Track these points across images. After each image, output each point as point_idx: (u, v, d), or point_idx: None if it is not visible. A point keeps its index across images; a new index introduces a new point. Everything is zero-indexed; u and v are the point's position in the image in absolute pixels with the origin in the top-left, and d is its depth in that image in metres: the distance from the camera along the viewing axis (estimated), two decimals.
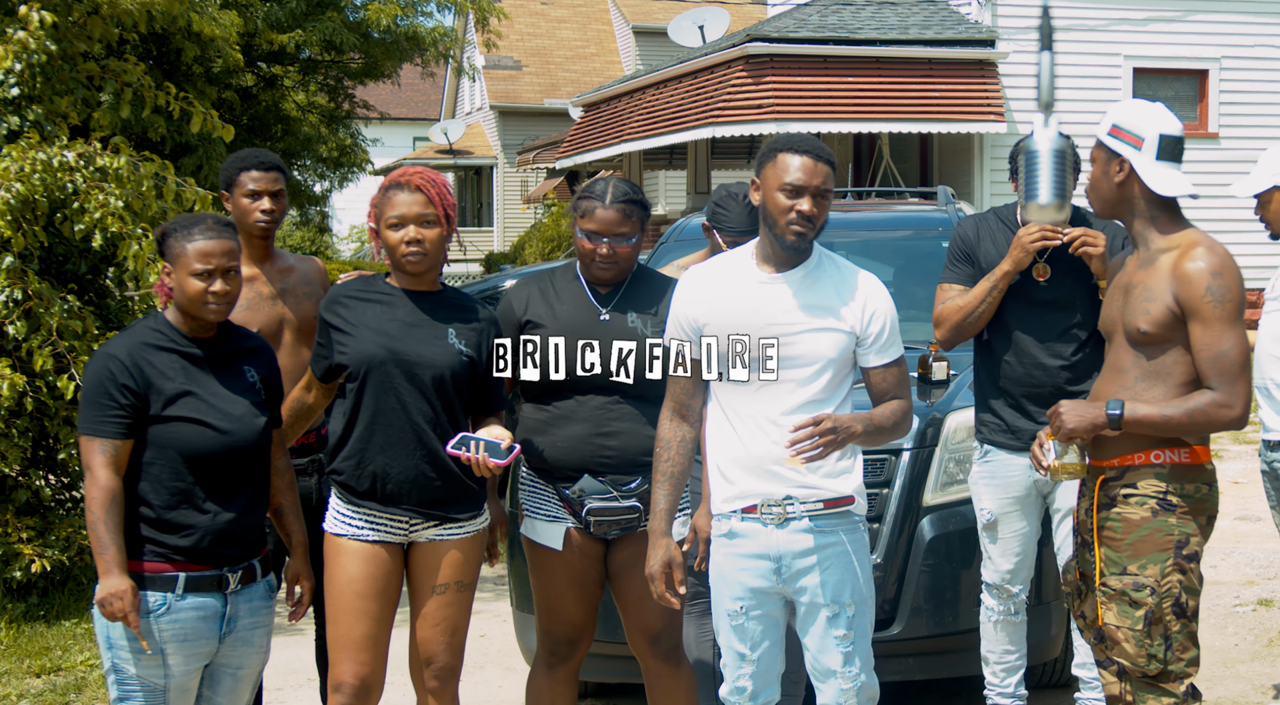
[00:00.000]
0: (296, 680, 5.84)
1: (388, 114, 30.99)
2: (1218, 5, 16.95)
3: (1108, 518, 3.64)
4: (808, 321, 3.68)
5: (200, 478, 3.63)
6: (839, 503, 3.71)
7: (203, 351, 3.70)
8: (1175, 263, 3.54)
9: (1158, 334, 3.55)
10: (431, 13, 16.42)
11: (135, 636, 3.55)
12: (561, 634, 4.26)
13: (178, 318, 3.71)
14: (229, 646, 3.73)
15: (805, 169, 3.62)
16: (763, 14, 21.35)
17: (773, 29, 16.30)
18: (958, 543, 5.07)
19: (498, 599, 7.37)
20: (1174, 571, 3.56)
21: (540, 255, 23.72)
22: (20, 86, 6.60)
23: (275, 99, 16.45)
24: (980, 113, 15.84)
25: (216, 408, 3.65)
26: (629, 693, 5.21)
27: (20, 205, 6.21)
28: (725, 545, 3.75)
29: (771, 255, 3.71)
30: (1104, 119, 3.70)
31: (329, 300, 4.07)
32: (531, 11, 34.27)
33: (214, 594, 3.66)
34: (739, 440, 3.69)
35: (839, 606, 3.71)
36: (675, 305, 3.81)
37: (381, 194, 4.01)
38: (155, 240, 3.81)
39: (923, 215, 7.55)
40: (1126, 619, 3.57)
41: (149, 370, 3.61)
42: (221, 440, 3.64)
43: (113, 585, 3.50)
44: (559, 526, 4.18)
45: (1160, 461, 3.58)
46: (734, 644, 3.76)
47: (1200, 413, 3.50)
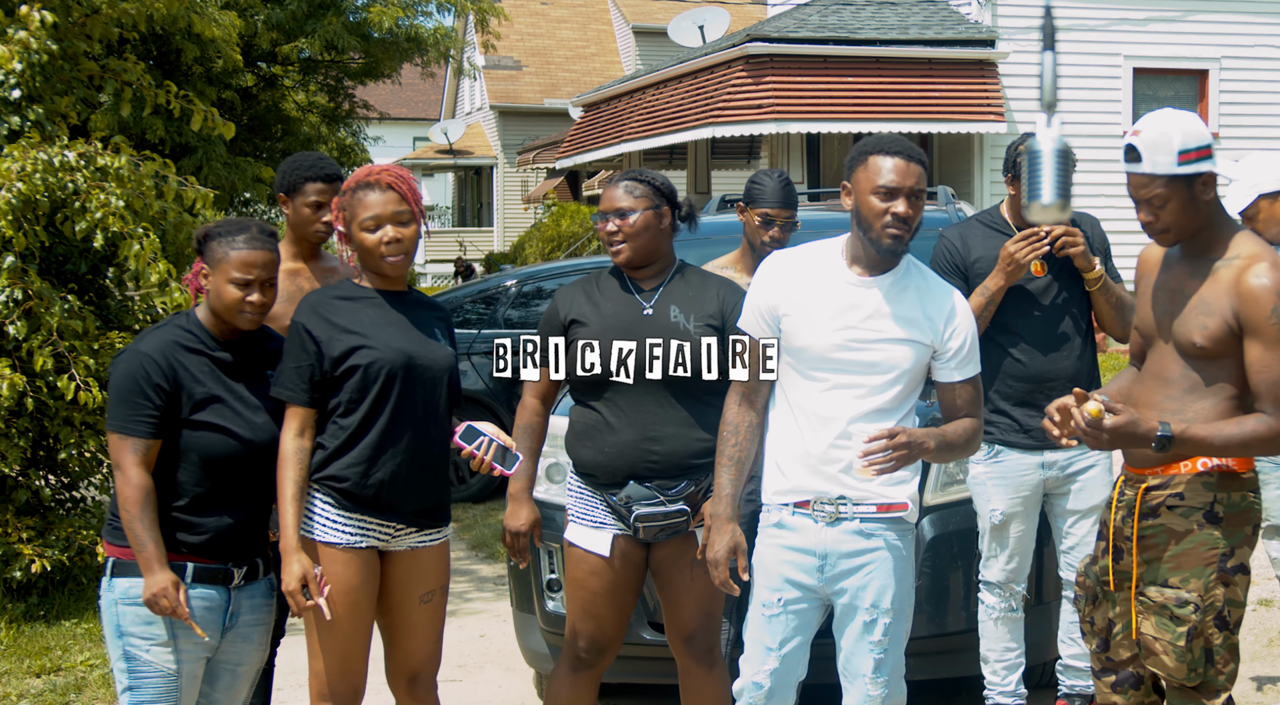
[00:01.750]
0: (297, 680, 5.83)
1: (388, 114, 30.99)
2: (1218, 5, 16.95)
3: (1149, 527, 3.51)
4: (893, 330, 3.66)
5: (217, 482, 3.65)
6: (892, 508, 3.69)
7: (230, 356, 3.71)
8: (1238, 278, 3.40)
9: (1213, 349, 3.42)
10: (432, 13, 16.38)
11: (152, 620, 3.59)
12: (592, 640, 4.23)
13: (209, 319, 3.72)
14: (229, 642, 3.74)
15: (899, 170, 3.59)
16: (763, 14, 21.36)
17: (773, 29, 16.31)
18: (958, 543, 5.07)
19: (498, 599, 7.37)
20: (1217, 585, 3.45)
21: (540, 255, 23.71)
22: (21, 87, 6.60)
23: (275, 99, 16.45)
24: (980, 113, 15.85)
25: (241, 415, 3.68)
26: (635, 693, 5.21)
27: (21, 205, 6.21)
28: (773, 536, 3.73)
29: (863, 257, 3.68)
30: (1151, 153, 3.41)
31: (313, 306, 3.89)
32: (531, 11, 34.28)
33: (218, 587, 3.68)
34: (800, 436, 3.67)
35: (878, 612, 3.68)
36: (757, 291, 3.77)
37: (350, 195, 3.88)
38: (196, 240, 3.77)
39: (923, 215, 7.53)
40: (1166, 632, 3.46)
41: (181, 372, 3.62)
42: (241, 448, 3.67)
43: (158, 582, 3.53)
44: (605, 533, 4.16)
45: (1207, 469, 3.46)
46: (763, 637, 3.71)
47: (1254, 438, 3.36)
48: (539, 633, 5.37)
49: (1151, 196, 3.44)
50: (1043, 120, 2.98)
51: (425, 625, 3.98)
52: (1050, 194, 2.99)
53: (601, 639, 4.24)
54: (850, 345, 3.63)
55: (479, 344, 10.00)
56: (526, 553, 4.27)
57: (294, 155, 4.71)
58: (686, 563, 4.16)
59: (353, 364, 3.81)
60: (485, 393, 9.89)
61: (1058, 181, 2.98)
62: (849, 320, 3.64)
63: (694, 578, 4.16)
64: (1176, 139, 3.40)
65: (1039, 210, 3.02)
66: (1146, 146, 3.42)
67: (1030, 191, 3.00)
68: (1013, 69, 16.08)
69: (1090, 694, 4.86)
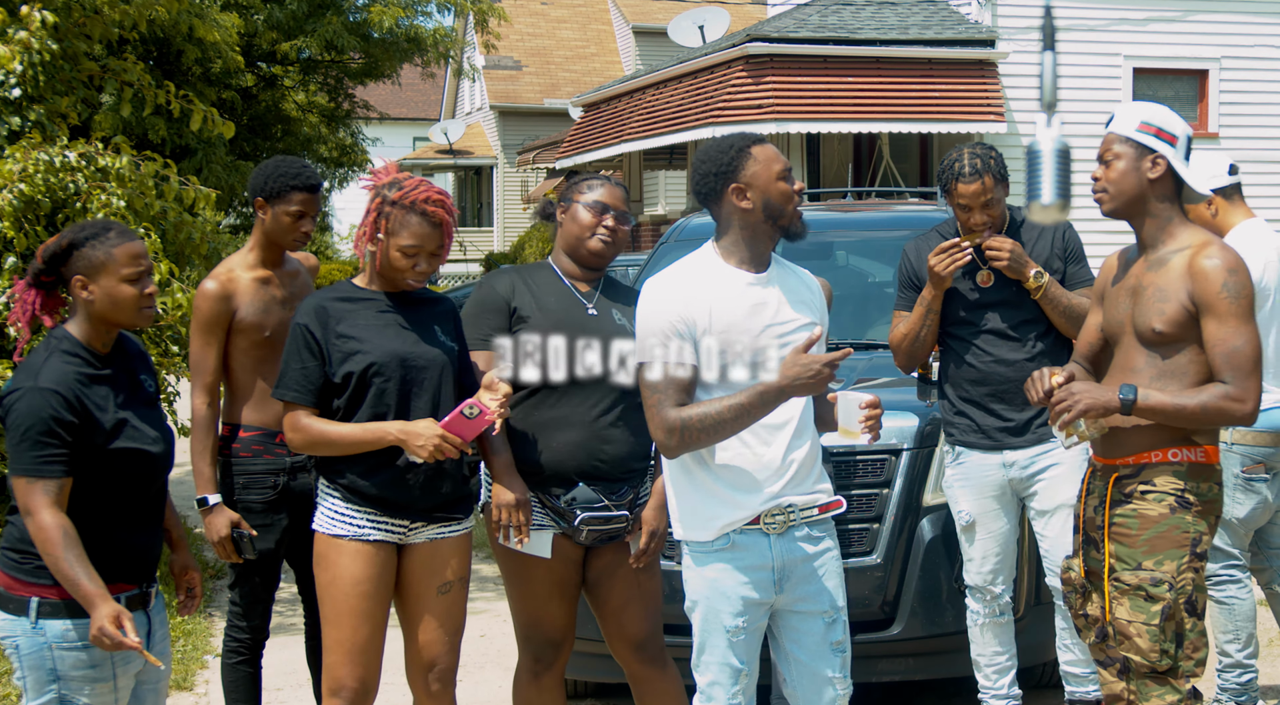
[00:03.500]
0: (296, 680, 5.84)
1: (388, 114, 31.01)
2: (1218, 5, 16.95)
3: (1121, 514, 3.64)
4: (801, 317, 3.65)
5: (132, 501, 3.48)
6: (830, 507, 3.71)
7: (110, 370, 3.49)
8: (1189, 261, 3.56)
9: (1172, 333, 3.56)
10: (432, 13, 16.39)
11: (96, 662, 3.39)
12: (545, 640, 4.22)
13: (87, 332, 3.46)
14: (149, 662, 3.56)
15: (777, 155, 3.62)
16: (763, 14, 21.36)
17: (773, 29, 16.31)
18: (958, 543, 5.07)
19: (498, 599, 7.37)
20: (1188, 569, 3.58)
21: (540, 255, 23.73)
22: (22, 87, 6.61)
23: (275, 99, 16.47)
24: (980, 113, 15.85)
25: (143, 432, 3.49)
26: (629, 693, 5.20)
27: (23, 205, 6.22)
28: (725, 561, 3.59)
29: (750, 256, 3.62)
30: (1121, 117, 3.69)
31: (316, 309, 3.89)
32: (531, 11, 34.28)
33: (140, 612, 3.51)
34: (751, 451, 3.57)
35: (836, 612, 3.68)
36: (663, 307, 3.56)
37: (401, 212, 3.83)
38: (59, 252, 3.46)
39: (923, 215, 7.54)
40: (1140, 614, 3.58)
41: (89, 404, 3.38)
42: (153, 463, 3.50)
43: (106, 614, 3.30)
44: (546, 534, 4.12)
45: (1178, 460, 3.61)
46: (730, 661, 3.62)
47: (1213, 405, 3.50)
48: None
49: (1104, 152, 3.68)
50: (1042, 120, 2.98)
51: (441, 615, 3.98)
52: (1050, 193, 3.00)
53: (555, 636, 4.22)
54: (775, 342, 3.58)
55: None
56: (525, 528, 4.06)
57: (274, 160, 4.61)
58: (628, 570, 4.16)
59: (349, 370, 3.85)
60: None
61: (1058, 181, 2.99)
62: (765, 318, 3.59)
63: (640, 583, 4.17)
64: (1145, 113, 3.68)
65: (1039, 210, 3.03)
66: (1121, 112, 3.72)
67: (1030, 191, 3.01)
68: (1013, 69, 16.09)
69: (1093, 699, 4.87)
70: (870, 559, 5.04)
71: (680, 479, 3.63)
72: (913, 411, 5.21)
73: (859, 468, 5.11)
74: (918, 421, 5.17)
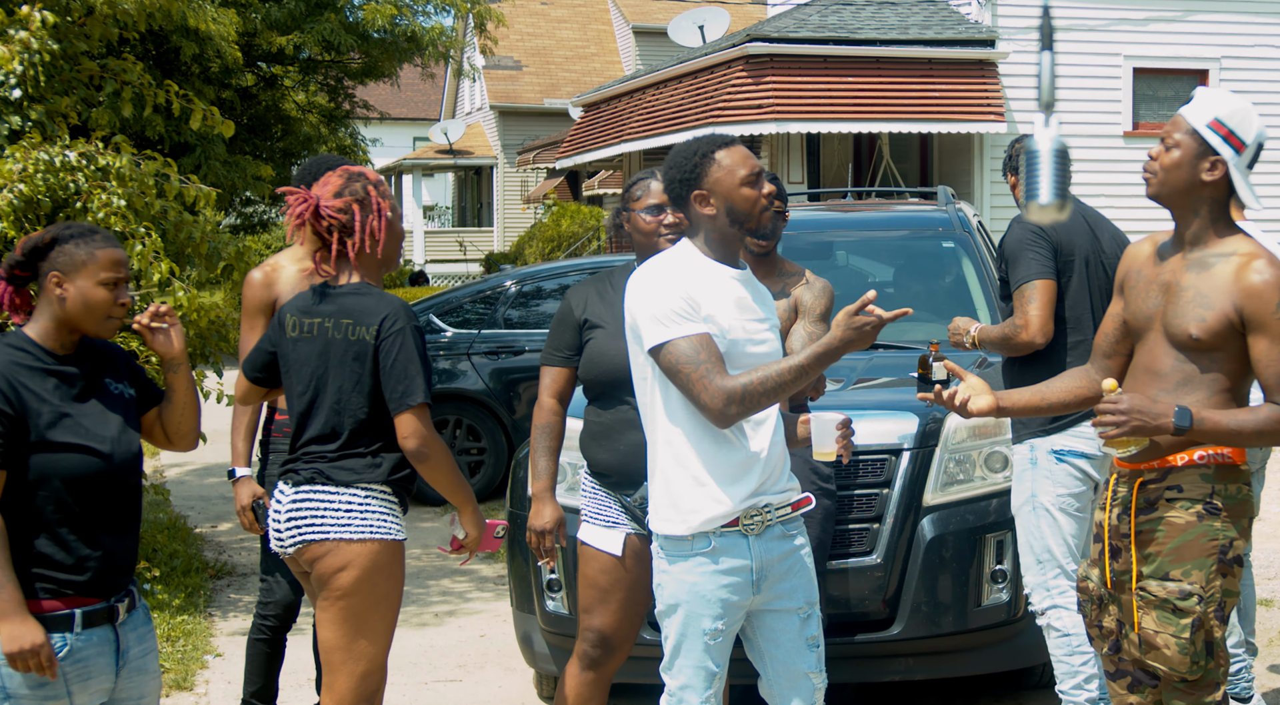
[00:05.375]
0: (296, 680, 5.84)
1: (388, 114, 30.99)
2: (1218, 5, 16.95)
3: (1148, 521, 3.52)
4: (770, 315, 3.72)
5: (85, 506, 3.33)
6: (801, 504, 3.73)
7: (76, 369, 3.40)
8: (1238, 273, 3.42)
9: (1209, 342, 3.43)
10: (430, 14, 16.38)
11: (43, 682, 3.23)
12: (603, 639, 4.25)
13: (46, 333, 3.38)
14: (126, 679, 3.44)
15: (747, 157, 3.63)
16: (763, 14, 21.35)
17: (773, 29, 16.31)
18: (958, 543, 5.07)
19: (498, 599, 7.37)
20: (1218, 577, 3.45)
21: (540, 255, 23.71)
22: (22, 86, 6.61)
23: (275, 99, 16.46)
24: (980, 113, 15.85)
25: (93, 430, 3.36)
26: (635, 693, 5.21)
27: (23, 205, 6.21)
28: (704, 564, 3.58)
29: (726, 254, 3.63)
30: (1199, 104, 3.51)
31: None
32: (531, 11, 34.27)
33: (106, 627, 3.37)
34: (733, 446, 3.57)
35: (810, 607, 3.70)
36: (667, 290, 3.55)
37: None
38: (41, 245, 3.40)
39: (923, 215, 7.55)
40: (1169, 626, 3.45)
41: (25, 394, 3.28)
42: (103, 464, 3.35)
43: (20, 633, 3.16)
44: (618, 532, 4.19)
45: (1204, 461, 3.47)
46: (707, 664, 3.61)
47: (1270, 427, 3.39)
48: (539, 633, 5.37)
49: (1167, 135, 3.51)
50: (1040, 120, 2.98)
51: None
52: (1048, 194, 2.99)
53: (612, 638, 4.25)
54: (753, 337, 3.61)
55: (479, 344, 10.00)
56: (554, 552, 4.33)
57: (313, 158, 4.85)
58: None
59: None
60: (484, 393, 9.89)
61: (1056, 181, 2.98)
62: (746, 311, 3.62)
63: None
64: (1224, 110, 3.48)
65: (1037, 210, 3.02)
66: (1201, 98, 3.52)
67: (1028, 191, 3.00)
68: (1013, 69, 16.08)
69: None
70: (870, 559, 5.05)
71: (664, 471, 3.62)
72: (913, 411, 5.22)
73: (859, 468, 5.11)
74: (918, 421, 5.17)
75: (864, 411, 5.01)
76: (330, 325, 3.87)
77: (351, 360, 3.83)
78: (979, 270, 6.71)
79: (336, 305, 3.88)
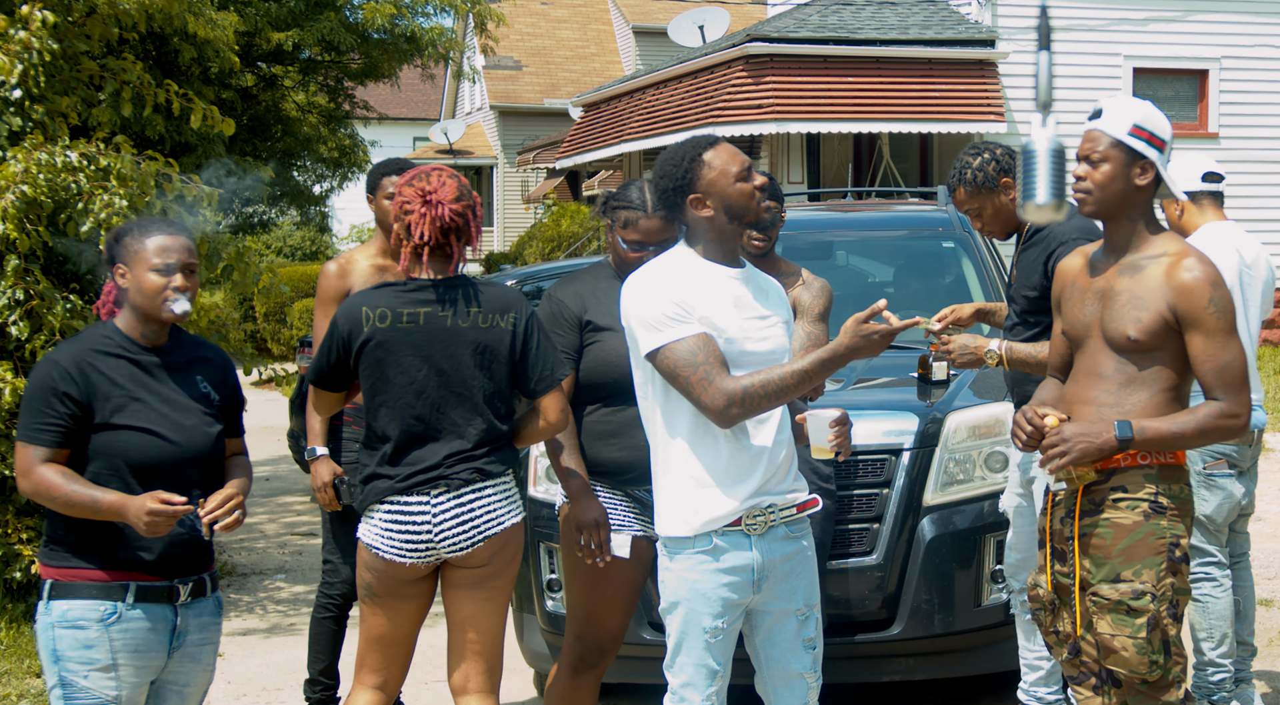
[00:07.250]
0: (296, 680, 5.84)
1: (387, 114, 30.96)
2: (1218, 5, 16.95)
3: (1094, 524, 3.54)
4: (777, 311, 3.71)
5: (149, 487, 3.46)
6: (807, 505, 3.72)
7: (158, 359, 3.59)
8: (1169, 272, 3.48)
9: (1147, 342, 3.49)
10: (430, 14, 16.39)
11: (91, 644, 3.44)
12: (596, 642, 4.26)
13: (131, 324, 3.60)
14: (177, 662, 3.61)
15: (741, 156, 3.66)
16: (763, 14, 21.36)
17: (773, 29, 16.31)
18: (958, 543, 5.08)
19: None
20: (1169, 575, 3.49)
21: (540, 255, 23.71)
22: (23, 87, 6.61)
23: (275, 99, 16.44)
24: (980, 113, 15.85)
25: (166, 417, 3.53)
26: (635, 693, 5.21)
27: (25, 206, 6.22)
28: (705, 563, 3.58)
29: (722, 254, 3.64)
30: (1112, 116, 3.57)
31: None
32: (531, 11, 34.27)
33: (164, 605, 3.54)
34: (738, 444, 3.57)
35: (809, 609, 3.70)
36: (659, 294, 3.56)
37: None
38: (111, 242, 3.65)
39: (922, 215, 7.56)
40: (1125, 627, 3.48)
41: (95, 377, 3.49)
42: (171, 450, 3.52)
43: (132, 511, 3.37)
44: (625, 535, 4.18)
45: (1147, 462, 3.51)
46: (708, 662, 3.62)
47: (1210, 426, 3.45)
48: (539, 633, 5.38)
49: (1091, 152, 3.58)
50: (1038, 120, 2.98)
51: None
52: (1045, 193, 2.99)
53: (606, 640, 4.26)
54: (753, 336, 3.61)
55: None
56: (607, 546, 4.16)
57: (385, 159, 5.24)
58: None
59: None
60: None
61: (1053, 181, 2.99)
62: (746, 311, 3.62)
63: None
64: (1138, 115, 3.57)
65: (1034, 210, 3.02)
66: (1111, 109, 3.60)
67: (1025, 191, 3.00)
68: (1012, 69, 16.08)
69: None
70: (870, 559, 5.05)
71: (667, 471, 3.62)
72: (913, 411, 5.22)
73: (859, 468, 5.11)
74: (918, 421, 5.17)
75: (864, 411, 5.01)
76: (448, 314, 3.88)
77: (484, 350, 3.89)
78: (979, 270, 6.72)
79: (454, 296, 3.91)
